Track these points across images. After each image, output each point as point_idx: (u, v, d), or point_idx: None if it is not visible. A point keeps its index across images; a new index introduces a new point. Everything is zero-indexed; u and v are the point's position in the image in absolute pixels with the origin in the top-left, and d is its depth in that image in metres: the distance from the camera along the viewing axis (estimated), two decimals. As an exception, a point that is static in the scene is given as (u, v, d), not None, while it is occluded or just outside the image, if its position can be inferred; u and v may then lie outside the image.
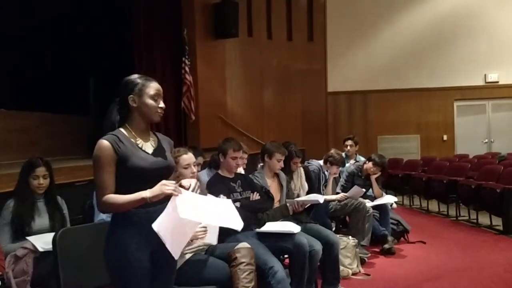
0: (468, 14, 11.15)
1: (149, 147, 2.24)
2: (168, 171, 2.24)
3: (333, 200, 5.06)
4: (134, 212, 2.12)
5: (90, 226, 3.17)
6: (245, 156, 4.46)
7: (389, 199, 5.62)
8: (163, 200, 2.08)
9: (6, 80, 8.38)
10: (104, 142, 2.13)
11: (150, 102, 2.21)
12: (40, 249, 2.93)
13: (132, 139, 2.21)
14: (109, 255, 2.18)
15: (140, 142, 2.22)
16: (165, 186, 2.04)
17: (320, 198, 4.12)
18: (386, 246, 5.19)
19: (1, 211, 3.14)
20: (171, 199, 2.05)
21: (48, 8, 8.79)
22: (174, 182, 2.10)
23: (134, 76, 2.29)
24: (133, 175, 2.13)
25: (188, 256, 2.97)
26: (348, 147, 6.50)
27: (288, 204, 3.98)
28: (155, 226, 2.04)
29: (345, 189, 5.46)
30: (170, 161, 2.29)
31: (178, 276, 2.58)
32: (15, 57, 8.60)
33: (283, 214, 3.86)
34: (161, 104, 2.23)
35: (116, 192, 2.12)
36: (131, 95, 2.22)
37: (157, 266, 2.21)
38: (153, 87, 2.24)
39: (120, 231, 2.15)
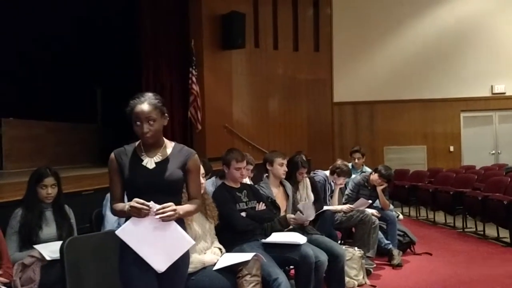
0: (475, 25, 11.14)
1: (151, 162, 2.28)
2: (164, 186, 2.25)
3: (339, 211, 5.05)
4: None
5: (97, 235, 3.19)
6: (251, 167, 4.47)
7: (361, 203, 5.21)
8: None
9: (14, 90, 8.48)
10: (111, 155, 2.31)
11: (134, 126, 2.27)
12: (48, 258, 2.94)
13: (138, 153, 2.30)
14: (118, 264, 2.25)
15: (144, 156, 2.29)
16: (131, 206, 2.12)
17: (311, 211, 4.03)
18: (395, 262, 5.16)
19: (9, 219, 3.16)
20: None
21: (56, 19, 8.90)
22: (142, 202, 2.13)
23: (136, 96, 2.30)
24: (128, 186, 2.27)
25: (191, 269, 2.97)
26: (356, 160, 6.50)
27: (295, 214, 3.96)
28: (119, 232, 2.17)
29: (349, 199, 5.46)
30: (169, 176, 2.27)
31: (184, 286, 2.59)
32: (24, 67, 8.70)
33: (282, 225, 3.84)
34: (144, 129, 2.22)
35: (128, 199, 2.27)
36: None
37: (163, 275, 2.23)
38: (136, 111, 2.24)
39: (123, 242, 2.22)
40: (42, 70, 9.05)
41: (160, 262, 2.17)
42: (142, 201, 2.12)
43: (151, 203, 2.14)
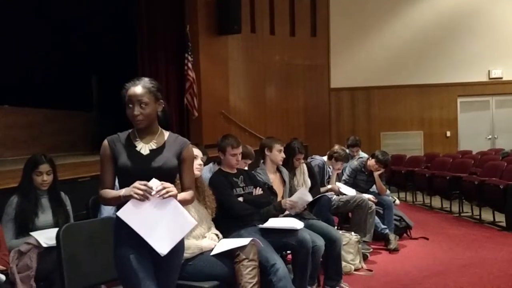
0: (472, 9, 11.09)
1: (145, 148, 2.24)
2: (158, 173, 2.19)
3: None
4: None
5: (94, 221, 3.18)
6: (249, 161, 4.40)
7: (347, 190, 5.27)
8: None
9: (10, 77, 8.40)
10: (104, 142, 2.27)
11: (127, 109, 2.23)
12: (44, 245, 2.93)
13: (132, 139, 2.26)
14: (113, 250, 2.24)
15: (138, 142, 2.25)
16: (134, 188, 2.07)
17: (308, 197, 4.03)
18: (391, 246, 5.19)
19: (5, 207, 3.15)
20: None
21: (52, 6, 8.80)
22: (145, 183, 2.09)
23: (132, 79, 2.28)
24: (122, 173, 2.22)
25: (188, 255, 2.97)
26: (354, 152, 6.54)
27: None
28: (120, 213, 2.11)
29: (346, 184, 5.47)
30: (165, 163, 2.23)
31: (182, 271, 2.59)
32: (20, 55, 8.63)
33: (276, 211, 3.83)
34: (135, 111, 2.19)
35: (120, 187, 2.23)
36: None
37: (158, 263, 2.22)
38: (129, 93, 2.21)
39: (119, 227, 2.20)
40: (38, 57, 8.96)
41: (162, 244, 2.12)
42: (144, 182, 2.08)
43: (152, 181, 2.10)
